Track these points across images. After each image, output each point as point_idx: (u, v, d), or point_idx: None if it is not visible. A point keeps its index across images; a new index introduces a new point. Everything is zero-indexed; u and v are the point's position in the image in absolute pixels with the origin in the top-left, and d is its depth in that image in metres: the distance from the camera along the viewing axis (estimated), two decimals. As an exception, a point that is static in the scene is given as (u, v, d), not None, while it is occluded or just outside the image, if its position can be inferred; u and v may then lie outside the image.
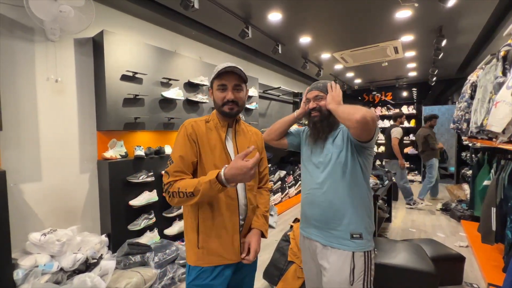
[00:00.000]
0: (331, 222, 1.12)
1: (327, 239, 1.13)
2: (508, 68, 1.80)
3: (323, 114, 1.18)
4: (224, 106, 1.01)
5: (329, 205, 1.12)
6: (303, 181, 1.28)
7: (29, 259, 1.65)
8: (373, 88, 7.07)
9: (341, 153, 1.13)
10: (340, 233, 1.10)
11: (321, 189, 1.15)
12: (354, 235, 1.09)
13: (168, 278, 2.03)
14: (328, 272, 1.10)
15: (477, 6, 2.71)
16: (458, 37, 3.61)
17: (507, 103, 1.56)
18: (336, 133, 1.19)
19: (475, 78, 2.67)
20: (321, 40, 3.71)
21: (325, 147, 1.18)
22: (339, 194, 1.11)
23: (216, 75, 1.01)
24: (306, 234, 1.24)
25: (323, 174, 1.15)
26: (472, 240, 2.77)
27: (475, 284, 2.09)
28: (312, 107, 1.21)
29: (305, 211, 1.24)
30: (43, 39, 1.98)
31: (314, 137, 1.22)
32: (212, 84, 1.06)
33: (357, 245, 1.09)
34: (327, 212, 1.13)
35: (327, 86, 1.20)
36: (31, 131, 1.94)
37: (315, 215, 1.17)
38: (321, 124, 1.19)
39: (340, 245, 1.10)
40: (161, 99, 2.64)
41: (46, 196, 2.01)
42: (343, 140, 1.14)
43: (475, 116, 2.32)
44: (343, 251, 1.09)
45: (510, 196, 1.95)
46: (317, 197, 1.16)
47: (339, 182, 1.12)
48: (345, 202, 1.11)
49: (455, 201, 4.10)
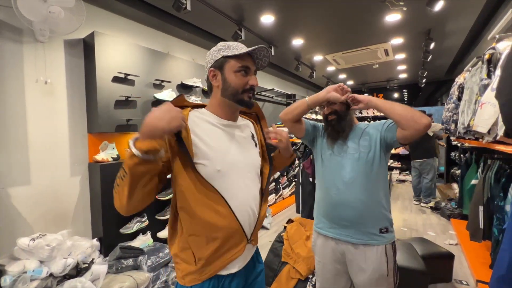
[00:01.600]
0: (362, 221, 1.13)
1: (358, 237, 1.13)
2: (492, 70, 1.86)
3: (340, 115, 1.21)
4: (244, 93, 0.82)
5: (360, 205, 1.12)
6: (325, 181, 1.24)
7: (17, 265, 1.61)
8: (365, 89, 7.18)
9: (369, 153, 1.14)
10: (370, 229, 1.12)
11: (351, 189, 1.14)
12: (382, 229, 1.12)
13: (162, 281, 2.00)
14: (366, 272, 1.11)
15: (463, 10, 2.80)
16: (445, 40, 3.71)
17: (492, 104, 1.61)
18: (359, 133, 1.20)
19: (462, 80, 2.74)
20: (313, 42, 3.76)
21: (349, 146, 1.19)
22: (369, 193, 1.13)
23: (239, 53, 0.80)
24: (332, 235, 1.19)
25: (352, 174, 1.14)
26: (461, 238, 2.84)
27: (464, 281, 2.14)
28: (328, 112, 1.24)
29: (330, 211, 1.20)
30: (32, 40, 1.94)
31: (334, 138, 1.22)
32: (222, 64, 0.82)
33: (386, 238, 1.12)
34: (359, 211, 1.12)
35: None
36: (19, 133, 1.89)
37: (346, 215, 1.15)
38: (339, 124, 1.21)
39: (372, 241, 1.11)
40: (154, 100, 2.62)
41: (35, 200, 1.96)
42: (371, 141, 1.16)
43: (463, 117, 2.39)
44: (377, 246, 1.11)
45: (496, 195, 2.00)
46: (347, 197, 1.14)
47: (369, 182, 1.13)
48: (374, 200, 1.13)
49: (445, 200, 4.19)
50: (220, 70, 0.83)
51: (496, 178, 2.11)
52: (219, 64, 0.82)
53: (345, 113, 1.21)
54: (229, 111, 0.86)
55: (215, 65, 0.83)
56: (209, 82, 0.87)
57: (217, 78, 0.84)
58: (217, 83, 0.84)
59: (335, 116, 1.22)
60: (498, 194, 1.98)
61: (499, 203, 1.94)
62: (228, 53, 0.80)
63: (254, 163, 0.91)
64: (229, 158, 0.82)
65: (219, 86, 0.84)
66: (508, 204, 1.84)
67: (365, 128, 1.22)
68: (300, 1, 2.57)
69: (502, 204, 1.91)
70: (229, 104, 0.84)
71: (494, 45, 1.90)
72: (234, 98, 0.82)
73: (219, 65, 0.82)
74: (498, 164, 2.16)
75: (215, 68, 0.83)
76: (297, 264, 1.80)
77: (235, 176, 0.82)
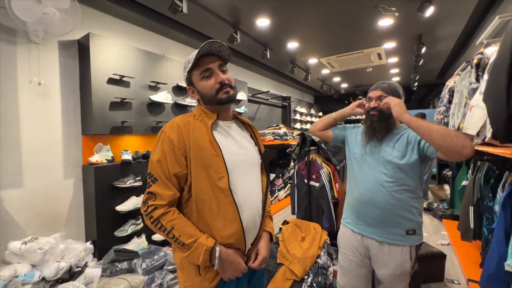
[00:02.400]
0: (389, 222, 1.14)
1: (383, 236, 1.16)
2: (480, 74, 1.92)
3: (383, 115, 1.17)
4: (220, 92, 0.83)
5: (389, 207, 1.13)
6: (355, 179, 1.26)
7: (8, 269, 1.58)
8: (359, 92, 7.28)
9: (403, 159, 1.12)
10: (397, 230, 1.14)
11: (379, 190, 1.14)
12: (409, 231, 1.14)
13: (156, 284, 1.99)
14: (390, 267, 1.14)
15: (452, 16, 2.88)
16: (436, 45, 3.80)
17: (480, 107, 1.65)
18: (397, 137, 1.17)
19: (452, 84, 2.81)
20: (308, 45, 3.81)
21: (382, 148, 1.17)
22: (397, 196, 1.12)
23: (194, 63, 0.83)
24: (359, 231, 1.23)
25: (383, 176, 1.14)
26: (453, 238, 2.89)
27: (456, 280, 2.18)
28: (373, 106, 1.20)
29: (357, 209, 1.23)
30: (26, 41, 1.92)
31: (369, 136, 1.21)
32: (191, 79, 0.87)
33: (412, 240, 1.14)
34: (386, 213, 1.14)
35: (393, 89, 1.20)
36: (12, 135, 1.87)
37: (374, 214, 1.16)
38: (379, 124, 1.18)
39: (397, 241, 1.14)
40: (149, 102, 2.61)
41: (27, 203, 1.93)
42: (408, 147, 1.13)
43: (453, 119, 2.44)
44: (403, 247, 1.13)
45: (485, 195, 2.05)
46: (377, 197, 1.15)
47: (398, 186, 1.12)
48: (403, 204, 1.13)
49: (437, 201, 4.27)
50: (192, 85, 0.89)
51: (485, 179, 2.17)
52: (189, 80, 0.89)
53: (388, 115, 1.16)
54: (220, 113, 0.89)
55: (188, 83, 0.90)
56: (193, 98, 0.92)
57: (194, 93, 0.89)
58: (197, 97, 0.90)
59: (378, 113, 1.18)
60: (487, 194, 2.03)
61: (488, 203, 1.99)
62: (189, 66, 0.85)
63: (253, 160, 0.93)
64: (233, 157, 0.84)
65: (199, 99, 0.90)
66: (496, 204, 1.88)
67: (405, 132, 1.17)
68: (295, 5, 2.61)
69: (491, 205, 1.96)
70: (215, 108, 0.87)
71: (482, 50, 1.96)
72: (214, 101, 0.85)
73: (189, 81, 0.89)
74: (487, 166, 2.22)
75: (189, 85, 0.90)
76: (292, 265, 1.81)
77: (241, 173, 0.85)
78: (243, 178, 0.85)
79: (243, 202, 0.82)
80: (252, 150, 0.94)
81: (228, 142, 0.86)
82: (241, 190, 0.83)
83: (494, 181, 2.02)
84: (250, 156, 0.91)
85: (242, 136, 0.93)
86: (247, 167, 0.89)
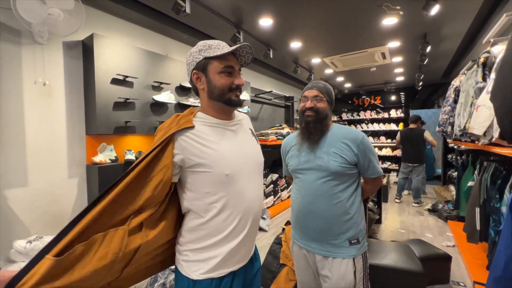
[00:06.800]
0: (331, 233, 1.11)
1: (327, 250, 1.12)
2: (487, 73, 1.89)
3: (319, 116, 1.12)
4: (231, 92, 0.80)
5: (329, 217, 1.10)
6: (293, 190, 1.24)
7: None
8: (363, 92, 7.23)
9: (340, 165, 1.08)
10: (340, 241, 1.10)
11: (319, 200, 1.11)
12: (352, 241, 1.10)
13: (159, 284, 1.99)
14: (331, 279, 1.10)
15: (458, 15, 2.84)
16: (441, 44, 3.75)
17: (487, 107, 1.63)
18: (331, 140, 1.13)
19: (458, 83, 2.78)
20: (311, 45, 3.79)
21: (318, 154, 1.12)
22: (335, 204, 1.09)
23: (221, 54, 0.77)
24: (304, 246, 1.19)
25: (318, 184, 1.10)
26: (458, 239, 2.85)
27: (461, 282, 2.14)
28: (310, 107, 1.13)
29: (300, 221, 1.18)
30: (30, 42, 1.94)
31: (304, 139, 1.16)
32: (206, 66, 0.79)
33: (356, 249, 1.11)
34: (327, 224, 1.10)
35: (328, 89, 1.16)
36: (17, 135, 1.89)
37: (315, 227, 1.13)
38: (314, 125, 1.12)
39: (341, 253, 1.10)
40: (152, 102, 2.62)
41: (32, 202, 1.95)
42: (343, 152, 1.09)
43: (459, 119, 2.41)
44: (344, 259, 1.09)
45: (492, 196, 2.02)
46: (315, 208, 1.11)
47: (335, 192, 1.09)
48: (344, 213, 1.10)
49: (442, 202, 4.22)
50: (203, 72, 0.80)
51: (492, 180, 2.13)
52: (202, 66, 0.79)
53: (324, 116, 1.12)
54: (221, 111, 0.84)
55: (197, 67, 0.80)
56: (193, 85, 0.84)
57: (201, 81, 0.81)
58: (202, 86, 0.82)
59: (314, 113, 1.12)
60: (494, 195, 1.99)
61: (495, 204, 1.95)
62: (210, 53, 0.77)
63: (258, 159, 0.91)
64: (235, 161, 0.81)
65: (204, 89, 0.82)
66: (504, 205, 1.85)
67: (339, 135, 1.13)
68: (299, 5, 2.59)
69: (498, 206, 1.92)
70: (219, 105, 0.82)
71: (489, 49, 1.93)
72: (222, 99, 0.80)
73: (202, 67, 0.79)
74: (494, 166, 2.18)
75: (198, 70, 0.80)
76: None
77: (243, 179, 0.82)
78: (247, 184, 0.83)
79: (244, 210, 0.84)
80: (255, 149, 0.92)
81: (233, 145, 0.85)
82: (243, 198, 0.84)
83: (501, 182, 1.99)
84: (253, 158, 0.90)
85: (245, 136, 0.91)
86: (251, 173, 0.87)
